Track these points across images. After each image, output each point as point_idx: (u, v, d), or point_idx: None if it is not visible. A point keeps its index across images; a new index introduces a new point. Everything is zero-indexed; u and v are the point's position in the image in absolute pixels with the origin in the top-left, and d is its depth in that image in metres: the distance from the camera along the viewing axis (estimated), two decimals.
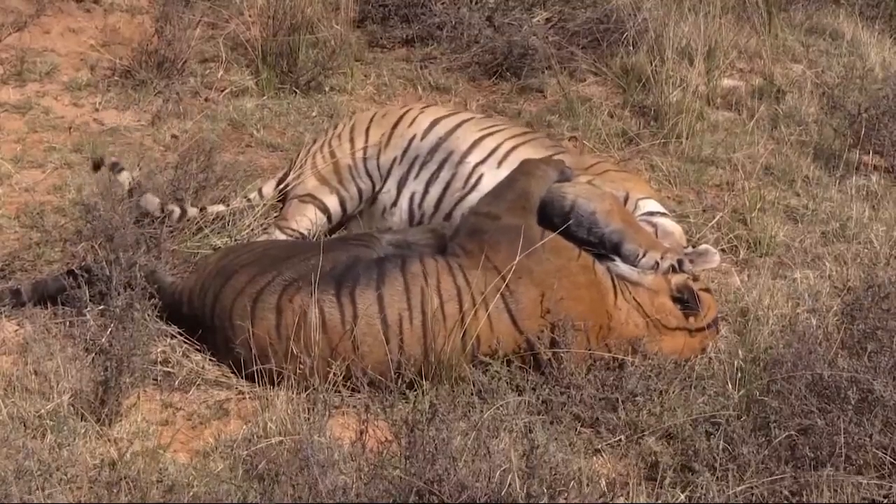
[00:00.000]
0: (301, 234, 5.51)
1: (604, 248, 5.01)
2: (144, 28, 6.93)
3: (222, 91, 6.83)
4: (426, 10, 7.41)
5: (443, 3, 7.40)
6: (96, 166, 5.50)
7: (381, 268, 4.78)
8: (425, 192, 5.56)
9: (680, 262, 5.05)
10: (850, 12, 8.17)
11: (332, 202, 5.63)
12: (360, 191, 5.65)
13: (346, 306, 4.68)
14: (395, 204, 5.61)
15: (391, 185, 5.63)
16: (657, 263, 5.01)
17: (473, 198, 5.39)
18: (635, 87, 7.00)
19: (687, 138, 6.65)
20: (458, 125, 5.67)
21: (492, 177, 5.43)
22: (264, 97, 6.82)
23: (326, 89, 6.96)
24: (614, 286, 4.88)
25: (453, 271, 4.77)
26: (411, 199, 5.58)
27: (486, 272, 4.75)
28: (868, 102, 6.73)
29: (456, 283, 4.74)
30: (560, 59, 7.15)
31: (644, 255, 5.03)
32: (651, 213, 5.42)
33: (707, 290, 5.09)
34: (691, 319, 4.92)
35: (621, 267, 4.98)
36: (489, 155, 5.56)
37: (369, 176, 5.65)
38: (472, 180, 5.52)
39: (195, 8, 7.19)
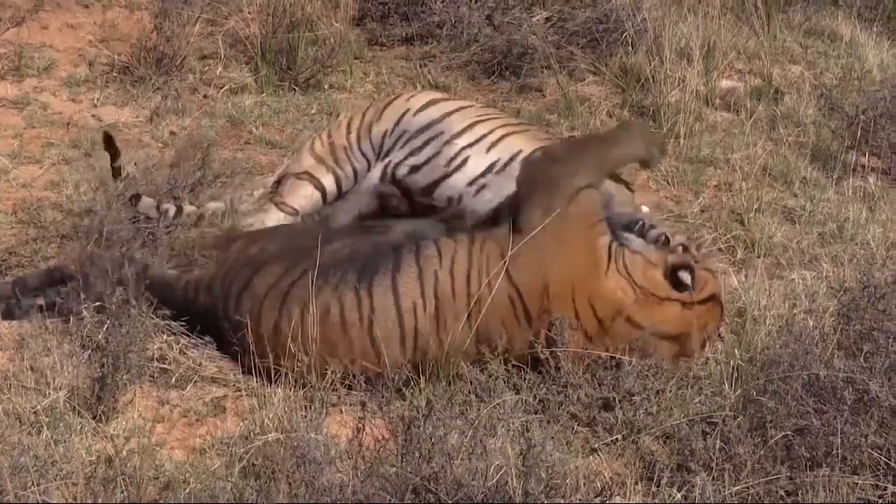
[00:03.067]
0: (297, 211, 5.51)
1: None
2: (143, 24, 6.92)
3: (221, 88, 6.82)
4: (426, 9, 7.40)
5: (442, 2, 7.38)
6: (115, 173, 5.32)
7: (397, 256, 4.83)
8: (403, 159, 5.53)
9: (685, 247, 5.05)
10: (849, 14, 8.16)
11: (329, 181, 5.61)
12: (354, 170, 5.64)
13: (363, 300, 4.72)
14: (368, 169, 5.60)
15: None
16: (665, 238, 5.00)
17: (458, 178, 5.37)
18: (634, 86, 6.99)
19: (685, 138, 6.64)
20: (455, 110, 5.64)
21: (478, 160, 5.41)
22: (263, 94, 6.81)
23: (325, 87, 6.95)
24: (609, 255, 4.85)
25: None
26: (386, 164, 5.55)
27: None
28: (866, 104, 6.72)
29: None
30: (559, 59, 7.15)
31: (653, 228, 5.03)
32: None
33: (708, 269, 5.04)
34: (686, 294, 4.87)
35: (633, 241, 4.96)
36: (479, 139, 5.53)
37: (364, 155, 5.64)
38: (458, 161, 5.47)
39: (194, 4, 7.16)
